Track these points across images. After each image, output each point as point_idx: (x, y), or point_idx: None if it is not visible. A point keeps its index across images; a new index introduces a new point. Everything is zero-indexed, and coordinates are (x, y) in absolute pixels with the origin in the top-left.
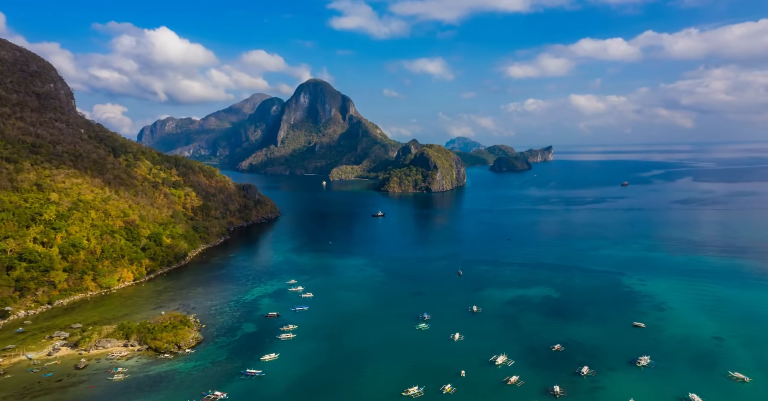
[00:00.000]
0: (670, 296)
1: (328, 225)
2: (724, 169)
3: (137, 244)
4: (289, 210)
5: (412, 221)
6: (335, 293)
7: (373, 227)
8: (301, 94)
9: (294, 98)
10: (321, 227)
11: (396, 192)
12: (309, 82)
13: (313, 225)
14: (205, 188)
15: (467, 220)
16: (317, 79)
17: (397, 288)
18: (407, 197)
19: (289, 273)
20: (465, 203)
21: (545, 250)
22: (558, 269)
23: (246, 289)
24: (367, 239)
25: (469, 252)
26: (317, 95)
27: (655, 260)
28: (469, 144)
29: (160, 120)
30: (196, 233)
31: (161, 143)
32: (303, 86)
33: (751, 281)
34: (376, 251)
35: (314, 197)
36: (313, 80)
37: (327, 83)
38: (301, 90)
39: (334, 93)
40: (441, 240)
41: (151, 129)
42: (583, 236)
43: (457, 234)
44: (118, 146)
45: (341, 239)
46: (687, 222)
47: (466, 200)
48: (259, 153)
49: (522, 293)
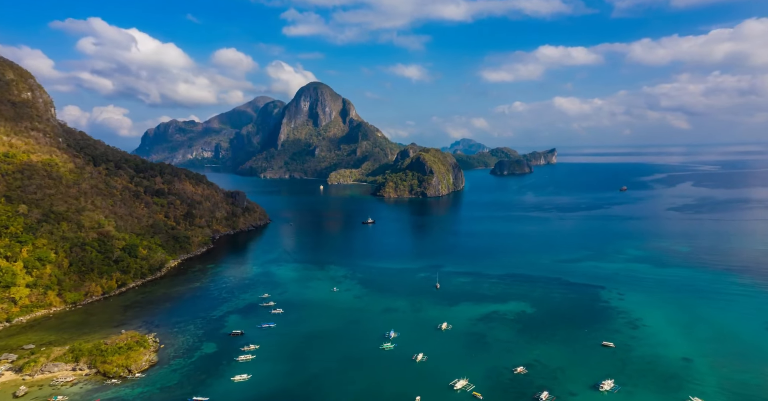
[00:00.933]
0: (646, 311)
1: (315, 233)
2: (727, 173)
3: (110, 256)
4: (280, 217)
5: (401, 228)
6: (306, 309)
7: (361, 235)
8: (301, 97)
9: (294, 101)
10: (308, 235)
11: (392, 197)
12: (309, 86)
13: (300, 233)
14: (190, 195)
15: (455, 228)
16: (317, 81)
17: (370, 303)
18: (402, 203)
19: (265, 286)
20: (457, 210)
21: (529, 261)
22: (538, 281)
23: (216, 304)
24: (351, 248)
25: (452, 263)
26: (317, 98)
27: (639, 272)
28: (474, 146)
29: (164, 123)
30: (176, 242)
31: (164, 145)
32: (303, 89)
33: (732, 297)
34: (358, 262)
35: (308, 203)
36: (313, 83)
37: (327, 86)
38: (302, 93)
39: (334, 96)
40: (425, 250)
41: (155, 132)
42: (569, 246)
43: (442, 243)
44: (99, 154)
45: (326, 248)
46: (678, 232)
47: (458, 207)
48: (259, 156)
49: (496, 308)
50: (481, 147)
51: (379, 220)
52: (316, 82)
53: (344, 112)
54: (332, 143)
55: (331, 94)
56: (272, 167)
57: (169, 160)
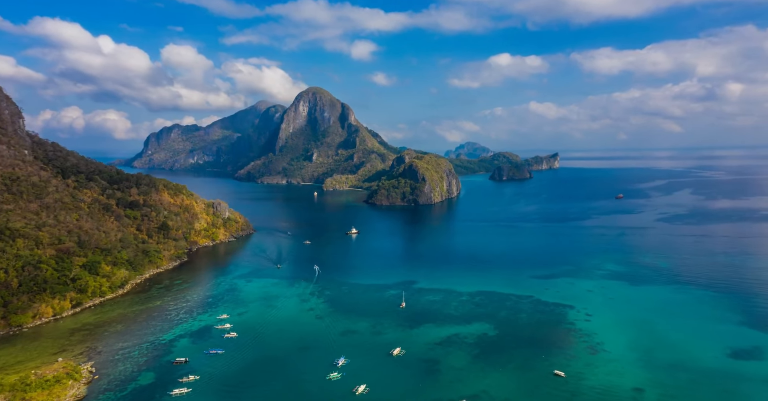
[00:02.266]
0: (609, 335)
1: (295, 245)
2: (731, 180)
3: (67, 275)
4: (265, 226)
5: (383, 240)
6: (262, 332)
7: (341, 248)
8: (300, 102)
9: (293, 107)
10: (287, 247)
11: (384, 205)
12: (308, 91)
13: (280, 245)
14: (167, 207)
15: (437, 239)
16: (316, 87)
17: (331, 325)
18: (393, 211)
19: (227, 306)
20: (443, 220)
21: (504, 276)
22: (509, 300)
23: (170, 325)
24: (327, 261)
25: (426, 278)
26: (316, 104)
27: (612, 290)
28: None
29: (166, 127)
30: (146, 257)
31: (167, 150)
32: (302, 95)
33: (701, 320)
34: (330, 277)
35: (298, 210)
36: (312, 89)
37: (326, 92)
38: (300, 98)
39: (333, 101)
40: (402, 263)
41: (157, 136)
42: (549, 259)
43: (420, 256)
44: (69, 166)
45: (302, 262)
46: (662, 245)
47: (446, 216)
48: (257, 162)
49: (458, 330)
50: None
51: (364, 230)
52: (315, 88)
53: (343, 117)
54: (330, 148)
55: (329, 100)
56: (270, 172)
57: (170, 164)
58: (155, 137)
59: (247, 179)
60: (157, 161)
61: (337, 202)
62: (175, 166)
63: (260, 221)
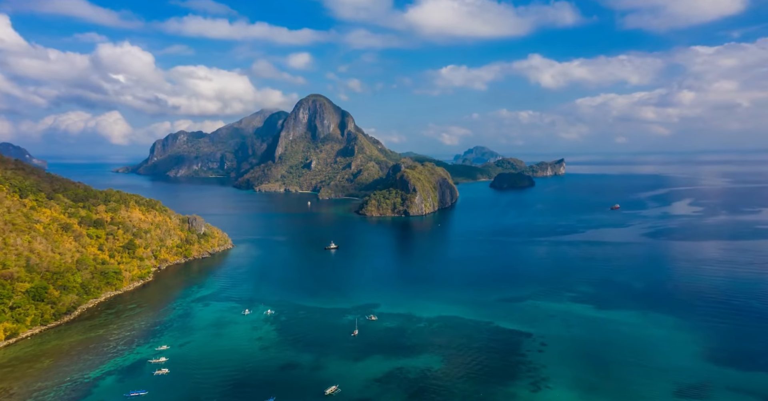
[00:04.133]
0: (557, 369)
1: (268, 261)
2: (737, 188)
3: (6, 302)
4: (246, 240)
5: (361, 256)
6: (196, 367)
7: (315, 265)
8: (300, 109)
9: (293, 114)
10: (260, 264)
11: (374, 216)
12: (308, 98)
13: (252, 262)
14: (137, 223)
15: (414, 255)
16: (317, 94)
17: (272, 357)
18: (382, 222)
19: (172, 334)
20: (427, 233)
21: (470, 298)
22: (467, 326)
23: (102, 360)
24: (294, 281)
25: (389, 300)
26: (316, 111)
27: (576, 315)
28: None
29: (172, 134)
30: (104, 278)
31: (172, 156)
32: (302, 102)
33: (659, 352)
34: (291, 300)
35: (286, 222)
36: (312, 96)
37: (326, 99)
38: (300, 106)
39: (333, 109)
40: (371, 282)
41: (163, 143)
42: (521, 279)
43: (392, 274)
44: (28, 185)
45: (269, 281)
46: (641, 263)
47: (431, 229)
48: (257, 169)
49: (404, 363)
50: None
51: (344, 244)
52: (315, 95)
53: (342, 124)
54: (329, 156)
55: (329, 107)
56: (268, 180)
57: (175, 171)
58: (161, 143)
59: (246, 187)
60: (162, 167)
61: (328, 212)
62: (179, 172)
63: (243, 234)
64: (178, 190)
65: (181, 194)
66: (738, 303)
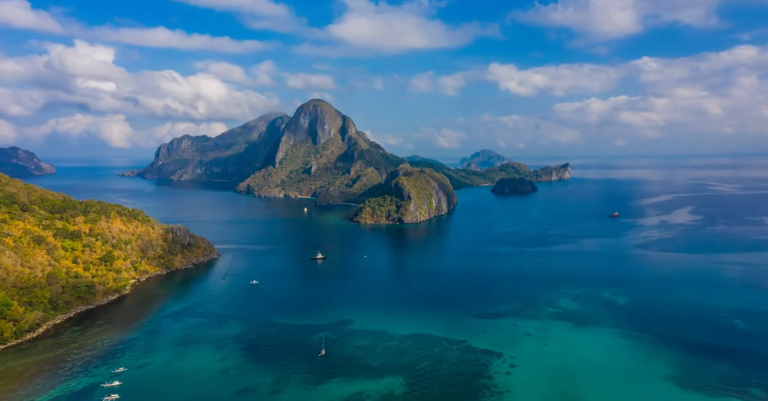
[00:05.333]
0: (523, 393)
1: (250, 273)
2: (744, 195)
3: None
4: (233, 249)
5: (345, 267)
6: (150, 393)
7: (297, 277)
8: (300, 115)
9: (294, 119)
10: (242, 275)
11: (368, 224)
12: (309, 103)
13: (235, 272)
14: (117, 234)
15: (399, 267)
16: (318, 99)
17: (231, 380)
18: (376, 230)
19: (133, 354)
20: (418, 242)
21: (446, 315)
22: (437, 346)
23: (52, 384)
24: (272, 294)
25: (364, 316)
26: (317, 116)
27: (552, 334)
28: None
29: (177, 139)
30: (76, 293)
31: (177, 160)
32: (303, 107)
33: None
34: (265, 315)
35: (278, 228)
36: (313, 101)
37: (327, 104)
38: (301, 111)
39: (334, 113)
40: (349, 296)
41: (168, 147)
42: (501, 294)
43: (373, 287)
44: (1, 197)
45: (245, 295)
46: (630, 278)
47: (422, 238)
48: (257, 174)
49: (366, 387)
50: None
51: (333, 254)
52: (316, 99)
53: (343, 129)
54: (329, 161)
55: (330, 112)
56: (268, 185)
57: (179, 175)
58: (166, 147)
59: (246, 192)
60: (167, 171)
61: (323, 219)
62: (183, 177)
63: (231, 243)
64: (178, 195)
65: (181, 199)
66: (721, 323)
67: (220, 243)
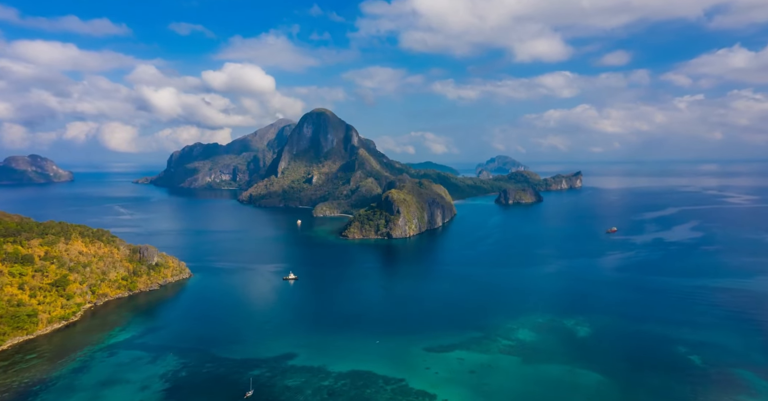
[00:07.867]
0: None
1: (215, 295)
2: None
3: None
4: (207, 267)
5: (315, 289)
6: None
7: (263, 300)
8: (304, 124)
9: (298, 128)
10: (205, 297)
11: (356, 238)
12: (313, 112)
13: (199, 294)
14: (75, 257)
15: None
16: (321, 108)
17: None
18: (363, 245)
19: (47, 396)
20: (397, 260)
21: (393, 347)
22: (372, 386)
23: None
24: (229, 321)
25: (310, 348)
26: (320, 125)
27: (498, 371)
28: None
29: (188, 146)
30: (14, 322)
31: (188, 169)
32: (307, 116)
33: None
34: (207, 347)
35: (263, 244)
36: (316, 110)
37: (331, 113)
38: (305, 120)
39: (337, 123)
40: (305, 324)
41: (180, 154)
42: (460, 321)
43: (333, 314)
44: None
45: (199, 322)
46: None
47: (403, 256)
48: (260, 184)
49: None
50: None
51: (307, 274)
52: (319, 109)
53: (347, 139)
54: (331, 170)
55: (333, 121)
56: (270, 195)
57: (189, 182)
58: (177, 154)
59: (248, 202)
60: (177, 178)
61: (314, 233)
62: (193, 185)
63: (206, 261)
64: (181, 204)
65: (181, 210)
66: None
67: (196, 261)
